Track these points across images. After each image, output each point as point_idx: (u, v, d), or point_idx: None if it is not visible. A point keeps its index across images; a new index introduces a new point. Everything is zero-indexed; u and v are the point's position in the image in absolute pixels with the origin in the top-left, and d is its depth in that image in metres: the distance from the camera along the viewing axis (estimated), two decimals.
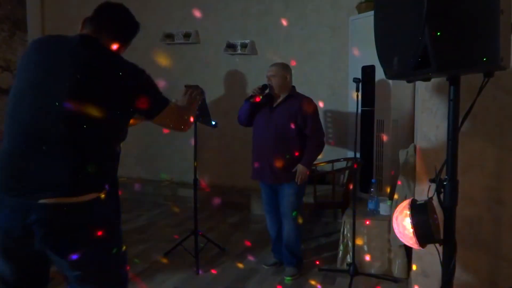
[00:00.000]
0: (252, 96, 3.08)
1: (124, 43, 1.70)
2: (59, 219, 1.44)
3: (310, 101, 3.10)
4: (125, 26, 1.70)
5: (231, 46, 5.01)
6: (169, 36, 5.20)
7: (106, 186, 1.54)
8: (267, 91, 3.11)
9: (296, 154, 3.05)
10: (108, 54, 1.60)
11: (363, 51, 3.90)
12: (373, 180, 3.40)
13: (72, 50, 1.53)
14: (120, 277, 1.64)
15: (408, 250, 3.02)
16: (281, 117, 3.05)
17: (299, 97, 3.12)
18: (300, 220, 3.15)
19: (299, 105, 3.04)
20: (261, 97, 3.10)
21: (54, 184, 1.42)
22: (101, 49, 1.59)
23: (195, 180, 3.41)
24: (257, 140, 3.18)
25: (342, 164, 4.21)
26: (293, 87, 3.20)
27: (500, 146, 2.23)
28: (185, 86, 3.51)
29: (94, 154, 1.49)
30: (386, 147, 3.77)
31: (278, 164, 3.03)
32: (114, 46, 1.63)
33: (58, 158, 1.44)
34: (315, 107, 3.11)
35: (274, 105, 3.13)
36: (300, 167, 3.03)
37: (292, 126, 3.02)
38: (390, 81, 3.56)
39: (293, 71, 3.26)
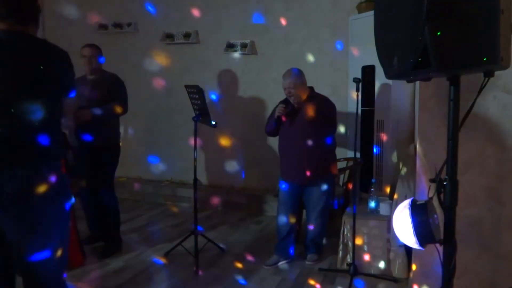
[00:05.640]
0: (279, 117, 3.24)
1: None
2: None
3: (328, 101, 3.37)
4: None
5: (231, 46, 5.01)
6: (169, 36, 5.19)
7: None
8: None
9: (325, 152, 3.25)
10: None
11: (363, 51, 3.90)
12: (373, 180, 3.40)
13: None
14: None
15: (408, 250, 3.02)
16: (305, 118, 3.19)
17: (319, 98, 3.30)
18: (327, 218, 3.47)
19: (319, 105, 3.19)
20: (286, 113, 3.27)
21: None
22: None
23: (195, 180, 3.41)
24: (284, 142, 3.33)
25: (342, 164, 4.21)
26: (312, 88, 3.36)
27: (500, 146, 2.23)
28: (185, 86, 3.53)
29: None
30: (386, 147, 3.77)
31: (310, 164, 3.20)
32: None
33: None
34: (334, 106, 3.34)
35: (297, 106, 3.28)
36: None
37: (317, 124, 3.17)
38: (390, 81, 3.56)
39: None
